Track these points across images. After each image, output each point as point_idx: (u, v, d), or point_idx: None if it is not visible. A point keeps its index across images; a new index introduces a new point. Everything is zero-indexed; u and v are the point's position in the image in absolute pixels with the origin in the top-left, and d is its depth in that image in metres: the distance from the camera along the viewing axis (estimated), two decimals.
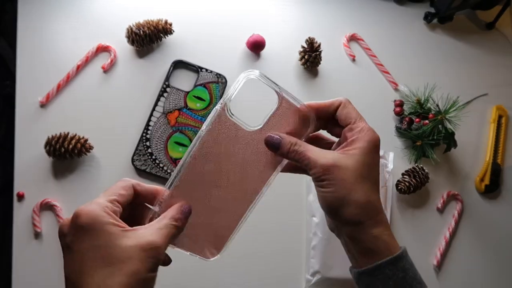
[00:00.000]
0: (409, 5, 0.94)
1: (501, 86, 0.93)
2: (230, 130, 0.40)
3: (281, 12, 0.87)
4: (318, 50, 0.82)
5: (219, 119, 0.39)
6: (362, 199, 0.38)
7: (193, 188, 0.40)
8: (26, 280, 0.69)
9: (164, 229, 0.36)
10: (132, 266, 0.32)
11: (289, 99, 0.41)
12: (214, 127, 0.39)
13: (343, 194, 0.37)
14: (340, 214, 0.38)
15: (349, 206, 0.38)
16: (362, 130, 0.39)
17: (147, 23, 0.77)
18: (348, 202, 0.37)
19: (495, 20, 0.95)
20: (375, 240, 0.38)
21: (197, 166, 0.39)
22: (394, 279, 0.38)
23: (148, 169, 0.75)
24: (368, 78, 0.87)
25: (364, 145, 0.39)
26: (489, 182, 0.85)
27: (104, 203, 0.35)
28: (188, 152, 0.39)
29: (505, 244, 0.85)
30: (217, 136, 0.39)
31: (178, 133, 0.77)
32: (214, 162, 0.40)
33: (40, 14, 0.78)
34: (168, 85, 0.78)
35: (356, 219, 0.38)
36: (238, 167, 0.40)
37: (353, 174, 0.38)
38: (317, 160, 0.38)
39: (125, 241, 0.33)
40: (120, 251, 0.32)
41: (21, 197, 0.71)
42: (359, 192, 0.38)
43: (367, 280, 0.39)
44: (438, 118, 0.80)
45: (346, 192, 0.38)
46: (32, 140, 0.72)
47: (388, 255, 0.38)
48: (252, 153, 0.40)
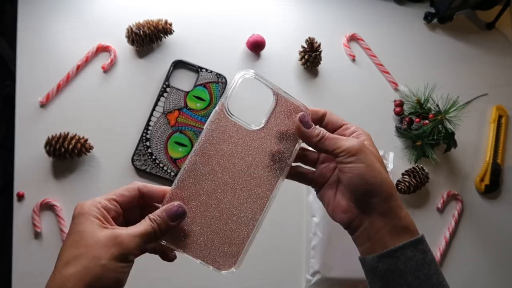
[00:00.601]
0: (409, 5, 0.94)
1: (501, 86, 0.93)
2: (231, 130, 0.40)
3: (281, 12, 0.87)
4: (318, 50, 0.82)
5: (219, 119, 0.39)
6: (388, 179, 0.41)
7: (196, 189, 0.39)
8: (26, 280, 0.69)
9: (140, 226, 0.37)
10: (94, 252, 0.35)
11: (286, 97, 0.42)
12: (214, 128, 0.39)
13: (373, 174, 0.39)
14: (380, 188, 0.39)
15: (383, 184, 0.40)
16: (358, 128, 0.43)
17: (147, 23, 0.77)
18: (382, 181, 0.40)
19: (495, 20, 0.95)
20: (407, 218, 0.41)
21: (199, 167, 0.39)
22: (415, 260, 0.39)
23: (148, 169, 0.75)
24: (368, 78, 0.87)
25: (368, 138, 0.43)
26: (489, 182, 0.85)
27: (98, 199, 0.38)
28: (190, 154, 0.39)
29: (505, 244, 0.85)
30: (217, 136, 0.39)
31: (178, 133, 0.77)
32: (216, 162, 0.40)
33: (40, 14, 0.78)
34: (168, 85, 0.78)
35: (390, 197, 0.40)
36: (242, 167, 0.40)
37: (377, 157, 0.41)
38: (344, 144, 0.40)
39: (98, 232, 0.36)
40: (89, 237, 0.35)
41: (21, 197, 0.71)
42: (384, 173, 0.41)
43: (388, 262, 0.39)
44: (438, 118, 0.80)
45: (376, 173, 0.40)
46: (32, 140, 0.72)
47: (417, 232, 0.41)
48: (257, 152, 0.40)
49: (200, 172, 0.39)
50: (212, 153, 0.39)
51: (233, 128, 0.40)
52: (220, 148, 0.39)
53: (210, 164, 0.39)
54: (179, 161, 0.76)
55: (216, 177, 0.40)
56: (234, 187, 0.40)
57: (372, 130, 0.85)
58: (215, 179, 0.40)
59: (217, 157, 0.39)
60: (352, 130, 0.43)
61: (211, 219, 0.40)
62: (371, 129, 0.85)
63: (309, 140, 0.42)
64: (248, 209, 0.40)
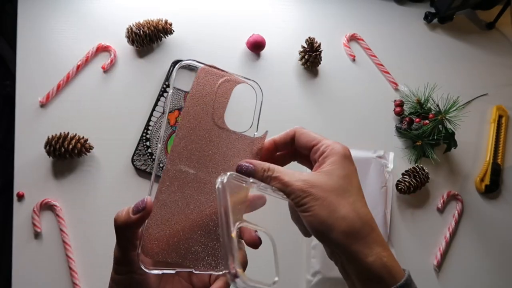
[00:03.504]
0: (409, 5, 0.94)
1: (501, 86, 0.93)
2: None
3: (281, 12, 0.87)
4: (318, 50, 0.82)
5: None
6: (349, 214, 0.35)
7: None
8: (26, 280, 0.69)
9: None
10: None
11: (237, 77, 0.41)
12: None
13: (327, 214, 0.34)
14: (330, 238, 0.35)
15: (337, 226, 0.34)
16: (328, 146, 0.38)
17: (147, 23, 0.77)
18: (335, 222, 0.34)
19: (495, 20, 0.95)
20: (375, 265, 0.34)
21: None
22: None
23: (148, 169, 0.75)
24: (368, 78, 0.87)
25: (336, 158, 0.37)
26: (489, 182, 0.85)
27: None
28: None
29: (505, 244, 0.85)
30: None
31: None
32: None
33: (40, 14, 0.78)
34: (168, 85, 0.78)
35: (348, 240, 0.34)
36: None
37: (333, 190, 0.35)
38: (293, 184, 0.36)
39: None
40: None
41: (21, 197, 0.71)
42: (345, 206, 0.35)
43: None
44: (438, 118, 0.80)
45: (330, 211, 0.34)
46: (32, 140, 0.72)
47: (392, 282, 0.34)
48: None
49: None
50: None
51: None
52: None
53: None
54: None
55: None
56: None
57: (372, 130, 0.86)
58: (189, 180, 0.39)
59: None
60: (321, 151, 0.38)
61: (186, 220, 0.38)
62: (371, 129, 0.85)
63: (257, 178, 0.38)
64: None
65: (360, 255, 0.34)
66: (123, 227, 0.35)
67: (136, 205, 0.35)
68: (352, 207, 0.35)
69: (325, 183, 0.36)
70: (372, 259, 0.34)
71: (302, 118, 0.82)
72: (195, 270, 0.38)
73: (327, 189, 0.35)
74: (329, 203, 0.35)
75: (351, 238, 0.34)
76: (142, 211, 0.35)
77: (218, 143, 0.40)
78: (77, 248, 0.71)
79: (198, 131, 0.39)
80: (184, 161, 0.39)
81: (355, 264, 0.35)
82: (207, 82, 0.40)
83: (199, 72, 0.40)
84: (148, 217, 0.35)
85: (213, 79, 0.40)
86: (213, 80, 0.40)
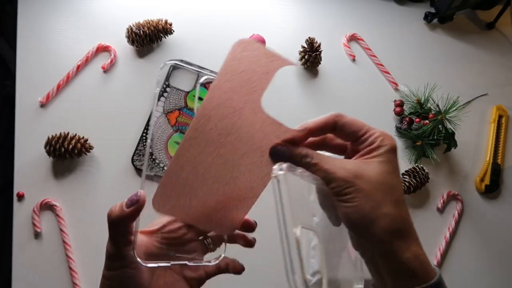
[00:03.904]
0: (409, 5, 0.94)
1: (501, 86, 0.93)
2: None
3: (281, 12, 0.87)
4: (318, 50, 0.82)
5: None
6: (392, 212, 0.33)
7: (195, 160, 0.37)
8: (26, 280, 0.69)
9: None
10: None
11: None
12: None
13: (370, 208, 0.33)
14: (369, 232, 0.33)
15: (379, 222, 0.33)
16: (378, 137, 0.35)
17: (147, 23, 0.77)
18: (377, 217, 0.33)
19: (495, 20, 0.95)
20: (410, 262, 0.33)
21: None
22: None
23: (148, 169, 0.75)
24: (368, 78, 0.87)
25: (386, 151, 0.35)
26: (489, 182, 0.85)
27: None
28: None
29: (505, 244, 0.85)
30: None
31: (179, 133, 0.77)
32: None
33: (40, 14, 0.78)
34: (168, 85, 0.78)
35: (388, 236, 0.33)
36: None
37: (379, 185, 0.33)
38: (335, 172, 0.34)
39: None
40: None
41: (21, 197, 0.71)
42: (388, 204, 0.33)
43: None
44: (438, 118, 0.80)
45: (374, 205, 0.33)
46: (32, 140, 0.72)
47: (425, 279, 0.33)
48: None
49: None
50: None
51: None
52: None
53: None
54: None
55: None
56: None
57: None
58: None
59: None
60: (371, 141, 0.36)
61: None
62: None
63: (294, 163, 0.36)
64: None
65: (398, 251, 0.33)
66: (117, 221, 0.35)
67: (130, 199, 0.36)
68: (396, 204, 0.34)
69: (371, 175, 0.34)
70: (409, 256, 0.33)
71: (302, 118, 0.81)
72: (189, 263, 0.39)
73: (373, 182, 0.33)
74: (373, 197, 0.33)
75: (392, 235, 0.33)
76: (135, 203, 0.35)
77: (247, 122, 0.37)
78: (77, 248, 0.71)
79: (227, 108, 0.36)
80: (212, 124, 0.36)
81: (390, 259, 0.34)
82: (245, 58, 0.36)
83: (236, 45, 0.36)
84: (141, 211, 0.36)
85: (253, 55, 0.36)
86: (253, 56, 0.36)
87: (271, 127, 0.37)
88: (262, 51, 0.36)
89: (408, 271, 0.33)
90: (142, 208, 0.36)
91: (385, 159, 0.35)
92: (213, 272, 0.42)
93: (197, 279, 0.41)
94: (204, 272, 0.42)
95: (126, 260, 0.36)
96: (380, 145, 0.35)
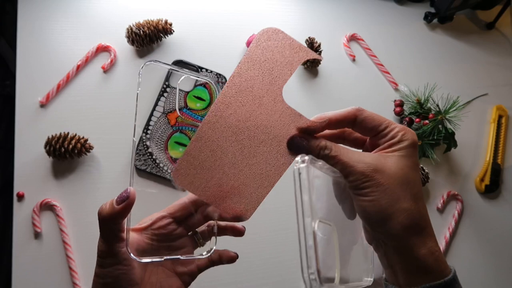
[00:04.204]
0: (409, 5, 0.94)
1: (501, 86, 0.93)
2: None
3: (281, 12, 0.87)
4: (318, 50, 0.82)
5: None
6: (411, 207, 0.33)
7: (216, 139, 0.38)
8: (26, 280, 0.69)
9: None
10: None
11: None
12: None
13: (388, 203, 0.33)
14: (386, 227, 0.33)
15: (396, 217, 0.33)
16: (399, 131, 0.35)
17: (147, 23, 0.77)
18: (395, 212, 0.33)
19: (495, 20, 0.95)
20: (426, 258, 0.33)
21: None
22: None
23: (148, 169, 0.75)
24: (368, 78, 0.87)
25: (406, 146, 0.35)
26: (489, 182, 0.85)
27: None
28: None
29: (505, 244, 0.85)
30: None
31: (179, 133, 0.77)
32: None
33: (40, 14, 0.78)
34: (168, 85, 0.78)
35: (406, 232, 0.33)
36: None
37: (399, 179, 0.33)
38: (354, 165, 0.34)
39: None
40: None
41: (21, 197, 0.71)
42: (407, 199, 0.33)
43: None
44: (438, 118, 0.80)
45: (392, 200, 0.33)
46: (32, 140, 0.72)
47: (439, 276, 0.33)
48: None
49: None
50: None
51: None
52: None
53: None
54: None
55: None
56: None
57: None
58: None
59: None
60: (391, 137, 0.35)
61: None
62: None
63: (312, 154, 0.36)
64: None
65: (414, 247, 0.33)
66: (108, 219, 0.35)
67: (120, 195, 0.36)
68: (414, 200, 0.34)
69: (391, 170, 0.33)
70: (424, 252, 0.33)
71: None
72: (182, 257, 0.39)
73: (392, 176, 0.33)
74: (392, 192, 0.33)
75: (409, 231, 0.33)
76: (126, 200, 0.35)
77: (267, 111, 0.37)
78: (77, 248, 0.71)
79: (247, 96, 0.37)
80: (231, 110, 0.37)
81: (405, 255, 0.34)
82: (269, 47, 0.36)
83: (261, 34, 0.36)
84: (131, 207, 0.36)
85: (278, 45, 0.36)
86: (277, 46, 0.36)
87: (290, 117, 0.38)
88: (287, 42, 0.36)
89: (422, 268, 0.33)
90: (133, 205, 0.36)
91: (405, 153, 0.34)
92: (205, 265, 0.43)
93: (189, 273, 0.42)
94: (196, 266, 0.42)
95: (118, 257, 0.36)
96: (401, 140, 0.35)
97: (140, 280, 0.38)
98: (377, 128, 0.36)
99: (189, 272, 0.42)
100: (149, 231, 0.40)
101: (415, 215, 0.33)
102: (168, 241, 0.41)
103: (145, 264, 0.39)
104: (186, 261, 0.42)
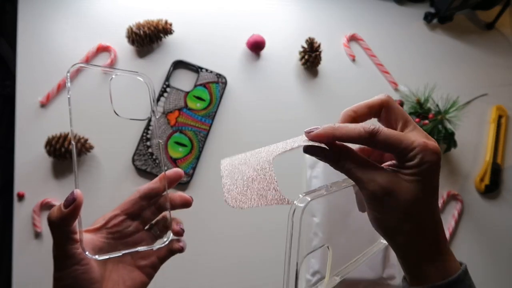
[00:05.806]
0: (409, 5, 0.94)
1: (501, 86, 0.93)
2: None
3: (281, 12, 0.87)
4: (318, 50, 0.82)
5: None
6: (413, 233, 0.34)
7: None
8: (26, 280, 0.69)
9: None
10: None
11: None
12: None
13: (395, 223, 0.34)
14: (391, 243, 0.35)
15: (399, 239, 0.34)
16: (420, 153, 0.33)
17: (147, 23, 0.77)
18: (399, 234, 0.34)
19: (495, 20, 0.95)
20: (427, 269, 0.35)
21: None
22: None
23: (148, 169, 0.75)
24: (368, 78, 0.87)
25: (425, 169, 0.33)
26: (489, 182, 0.85)
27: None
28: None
29: (505, 244, 0.85)
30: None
31: (179, 133, 0.77)
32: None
33: (40, 14, 0.78)
34: (168, 85, 0.78)
35: (409, 251, 0.35)
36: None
37: (410, 207, 0.33)
38: (367, 184, 0.34)
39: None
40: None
41: (21, 197, 0.71)
42: (412, 224, 0.34)
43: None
44: (438, 118, 0.80)
45: (399, 221, 0.34)
46: (32, 140, 0.72)
47: (442, 278, 0.35)
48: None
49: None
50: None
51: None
52: None
53: None
54: (179, 161, 0.76)
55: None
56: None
57: None
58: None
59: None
60: (413, 147, 0.34)
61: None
62: None
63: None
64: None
65: (418, 259, 0.35)
66: (58, 223, 0.36)
67: (66, 199, 0.36)
68: (419, 226, 0.34)
69: (403, 195, 0.33)
70: (426, 265, 0.35)
71: (302, 118, 0.82)
72: (140, 249, 0.40)
73: (402, 203, 0.33)
74: (399, 216, 0.33)
75: (412, 251, 0.35)
76: (73, 202, 0.36)
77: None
78: None
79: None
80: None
81: (407, 264, 0.36)
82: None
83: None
84: (80, 209, 0.37)
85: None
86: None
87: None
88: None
89: (422, 277, 0.35)
90: (81, 207, 0.37)
91: (423, 177, 0.33)
92: (166, 255, 0.43)
93: (150, 265, 0.42)
94: (157, 258, 0.43)
95: (75, 258, 0.36)
96: (420, 163, 0.33)
97: (101, 278, 0.38)
98: (395, 148, 0.34)
99: (151, 264, 0.42)
100: (103, 231, 0.41)
101: (417, 239, 0.34)
102: (125, 237, 0.41)
103: (105, 262, 0.39)
104: (146, 253, 0.42)
